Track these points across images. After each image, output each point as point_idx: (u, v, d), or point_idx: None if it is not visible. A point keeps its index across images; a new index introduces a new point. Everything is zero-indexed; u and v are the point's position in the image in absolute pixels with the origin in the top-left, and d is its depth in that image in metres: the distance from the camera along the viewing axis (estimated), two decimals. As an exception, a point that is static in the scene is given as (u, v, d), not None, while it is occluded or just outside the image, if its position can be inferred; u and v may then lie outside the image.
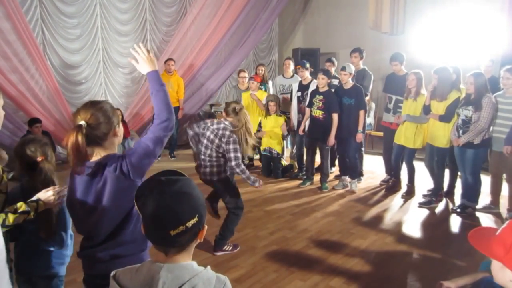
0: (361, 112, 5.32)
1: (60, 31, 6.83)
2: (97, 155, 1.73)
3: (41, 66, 6.45)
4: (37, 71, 6.51)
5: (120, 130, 1.83)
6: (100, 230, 1.73)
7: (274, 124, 6.20)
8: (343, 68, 5.31)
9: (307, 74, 6.00)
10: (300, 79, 6.20)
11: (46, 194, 1.89)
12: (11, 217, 1.75)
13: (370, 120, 7.24)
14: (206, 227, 1.20)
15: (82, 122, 1.67)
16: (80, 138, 1.62)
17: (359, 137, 5.36)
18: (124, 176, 1.67)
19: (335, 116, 5.35)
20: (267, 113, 6.23)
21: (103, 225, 1.72)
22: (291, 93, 6.29)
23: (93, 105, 1.75)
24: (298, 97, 6.03)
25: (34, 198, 1.86)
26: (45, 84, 6.63)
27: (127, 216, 1.72)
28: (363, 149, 6.02)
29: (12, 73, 6.22)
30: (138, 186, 1.23)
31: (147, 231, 1.15)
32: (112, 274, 1.20)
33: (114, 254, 1.73)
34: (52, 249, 2.10)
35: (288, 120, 6.28)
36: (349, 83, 5.34)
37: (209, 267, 1.19)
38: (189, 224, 1.11)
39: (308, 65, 6.10)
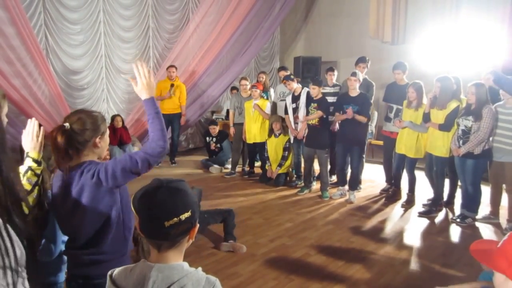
0: (362, 118, 5.29)
1: (64, 37, 6.88)
2: (76, 160, 1.78)
3: (44, 71, 6.48)
4: (40, 76, 6.54)
5: (104, 142, 1.84)
6: (81, 233, 1.78)
7: (278, 144, 6.25)
8: (354, 74, 5.34)
9: (294, 85, 5.99)
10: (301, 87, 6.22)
11: (27, 140, 1.84)
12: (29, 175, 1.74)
13: (371, 128, 7.25)
14: (198, 225, 1.27)
15: (66, 124, 1.74)
16: (59, 138, 1.70)
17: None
18: (100, 182, 1.71)
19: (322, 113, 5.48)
20: (272, 134, 6.27)
21: (83, 229, 1.77)
22: (285, 107, 6.27)
23: (83, 112, 1.83)
24: (293, 108, 6.02)
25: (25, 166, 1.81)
26: (48, 89, 6.65)
27: (107, 222, 1.76)
28: (364, 156, 6.02)
29: (15, 77, 6.25)
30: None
31: (143, 224, 1.22)
32: (109, 273, 1.25)
33: (95, 259, 1.77)
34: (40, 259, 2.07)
35: (289, 143, 6.27)
36: (355, 90, 5.33)
37: (200, 268, 1.23)
38: (183, 217, 1.19)
39: (292, 76, 6.14)
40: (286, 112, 6.16)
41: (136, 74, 1.82)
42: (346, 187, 5.66)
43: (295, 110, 5.94)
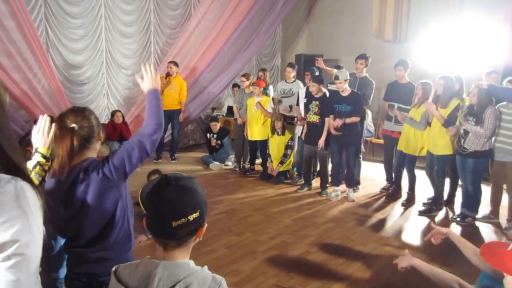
0: (355, 119, 5.24)
1: (64, 31, 6.84)
2: (77, 160, 1.76)
3: (44, 65, 6.45)
4: (40, 70, 6.52)
5: (103, 135, 1.91)
6: (84, 233, 1.75)
7: (280, 142, 6.24)
8: (336, 77, 5.19)
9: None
10: (303, 85, 6.20)
11: (38, 136, 1.83)
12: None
13: (366, 126, 7.19)
14: (206, 225, 1.25)
15: (74, 125, 1.71)
16: (75, 140, 1.69)
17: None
18: (107, 178, 1.70)
19: (326, 120, 5.41)
20: (275, 131, 6.23)
21: (87, 228, 1.74)
22: (297, 99, 6.25)
23: (81, 110, 1.82)
24: (305, 103, 6.00)
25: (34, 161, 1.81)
26: (48, 83, 6.63)
27: (111, 220, 1.75)
28: (361, 156, 6.01)
29: (15, 71, 6.22)
30: (146, 183, 1.26)
31: (150, 223, 1.20)
32: (113, 269, 1.24)
33: (100, 257, 1.76)
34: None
35: (292, 141, 6.26)
36: (346, 90, 5.26)
37: (206, 267, 1.22)
38: (191, 217, 1.16)
39: (317, 73, 6.08)
40: (297, 104, 6.16)
41: (144, 75, 1.95)
42: (341, 187, 5.65)
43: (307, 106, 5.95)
